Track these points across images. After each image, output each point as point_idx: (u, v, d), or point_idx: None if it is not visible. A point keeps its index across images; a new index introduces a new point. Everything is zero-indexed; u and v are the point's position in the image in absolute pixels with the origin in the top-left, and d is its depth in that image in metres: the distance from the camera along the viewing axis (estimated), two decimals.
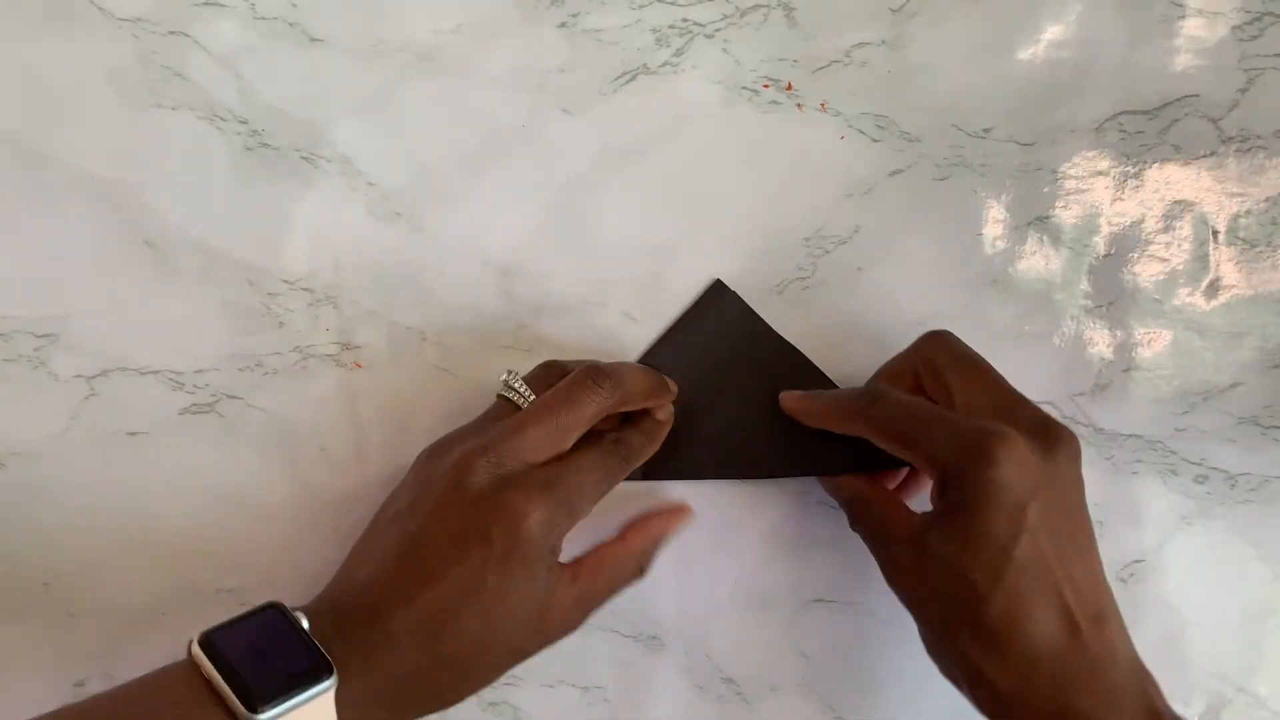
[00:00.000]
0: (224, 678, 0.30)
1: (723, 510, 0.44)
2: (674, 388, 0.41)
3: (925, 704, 0.45)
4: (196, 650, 0.30)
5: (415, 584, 0.33)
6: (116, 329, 0.40)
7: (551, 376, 0.38)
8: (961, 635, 0.34)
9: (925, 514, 0.36)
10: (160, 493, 0.41)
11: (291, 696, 0.30)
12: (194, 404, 0.41)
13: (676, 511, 0.41)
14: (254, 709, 0.29)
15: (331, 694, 0.31)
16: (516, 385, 0.38)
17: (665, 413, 0.41)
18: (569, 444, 0.36)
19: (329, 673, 0.31)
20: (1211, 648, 0.46)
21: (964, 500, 0.34)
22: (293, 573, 0.41)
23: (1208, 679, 0.46)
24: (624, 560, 0.38)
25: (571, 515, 0.35)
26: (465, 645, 0.33)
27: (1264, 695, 0.46)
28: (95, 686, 0.41)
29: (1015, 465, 0.33)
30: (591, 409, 0.36)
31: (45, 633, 0.41)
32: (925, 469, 0.36)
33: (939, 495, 0.36)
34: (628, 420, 0.40)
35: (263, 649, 0.31)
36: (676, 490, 0.44)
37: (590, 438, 0.37)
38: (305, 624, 0.32)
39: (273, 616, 0.32)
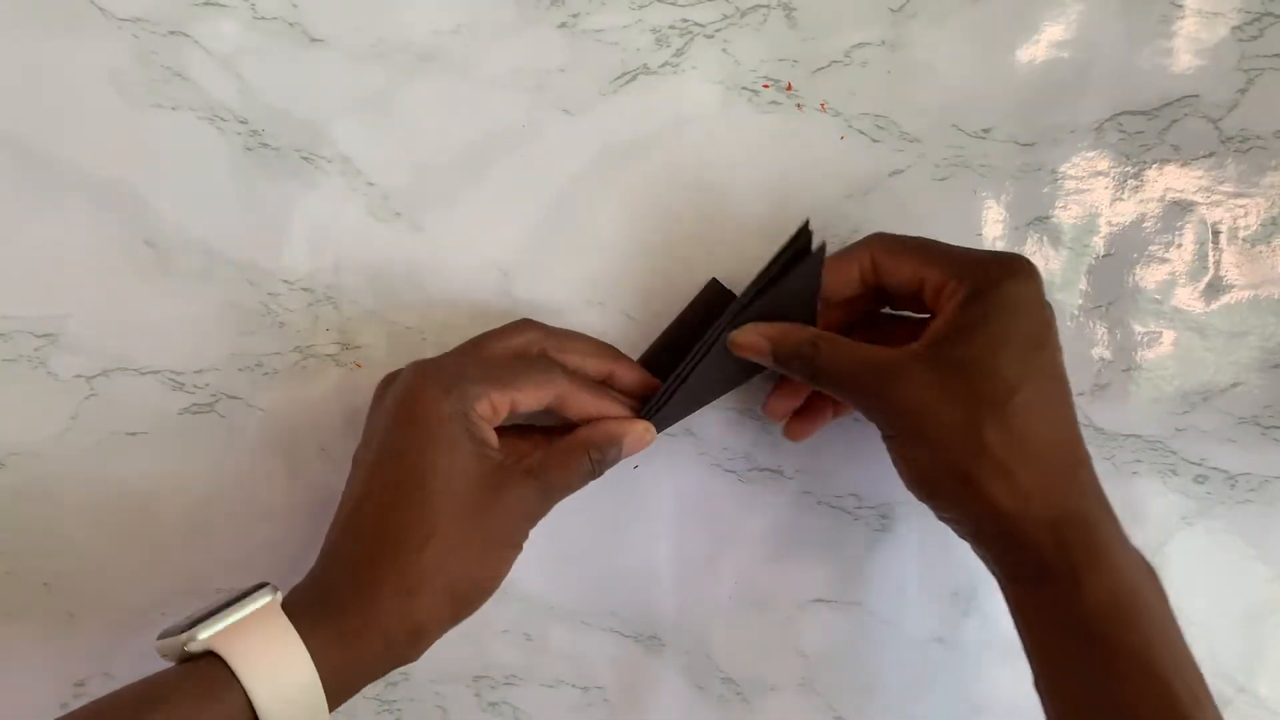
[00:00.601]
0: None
1: (723, 510, 0.44)
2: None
3: (924, 704, 0.45)
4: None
5: (349, 502, 0.35)
6: (116, 329, 0.40)
7: None
8: (987, 427, 0.34)
9: (929, 334, 0.36)
10: (160, 493, 0.41)
11: (227, 613, 0.31)
12: (194, 404, 0.41)
13: (634, 422, 0.39)
14: (193, 632, 0.31)
15: (276, 606, 0.32)
16: None
17: (644, 439, 0.39)
18: (511, 406, 0.36)
19: (265, 588, 0.32)
20: (1212, 647, 0.46)
21: (994, 307, 0.35)
22: (293, 573, 0.41)
23: (1208, 679, 0.46)
24: (575, 451, 0.37)
25: (488, 382, 0.35)
26: (416, 536, 0.33)
27: (1264, 695, 0.46)
28: (95, 686, 0.41)
29: (1039, 283, 0.36)
30: (513, 333, 0.38)
31: (45, 633, 0.41)
32: (938, 288, 0.37)
33: (958, 309, 0.36)
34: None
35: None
36: (680, 489, 0.44)
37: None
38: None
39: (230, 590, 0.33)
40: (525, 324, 0.39)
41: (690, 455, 0.44)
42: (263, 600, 0.32)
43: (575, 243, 0.43)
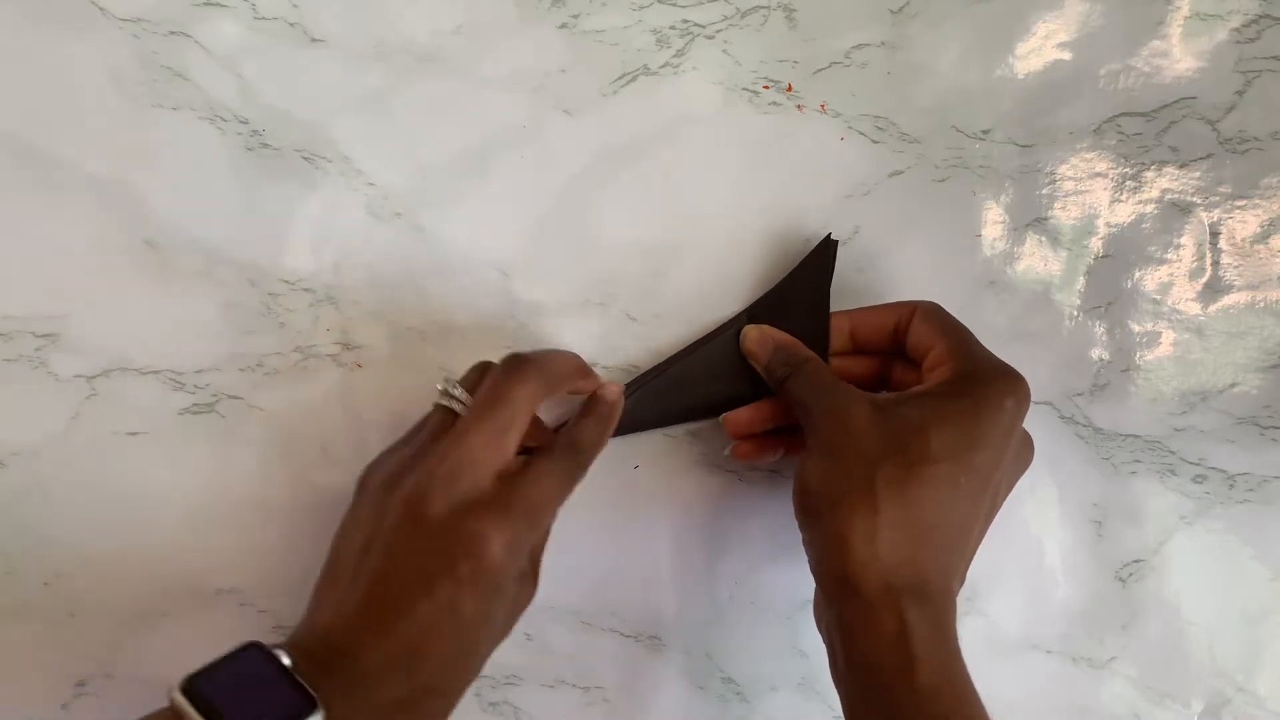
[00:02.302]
0: None
1: (723, 510, 0.44)
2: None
3: None
4: (178, 696, 0.29)
5: (389, 618, 0.32)
6: (116, 329, 0.40)
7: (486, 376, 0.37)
8: (886, 470, 0.35)
9: (897, 389, 0.38)
10: (160, 492, 0.41)
11: None
12: (194, 404, 0.41)
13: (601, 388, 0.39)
14: None
15: None
16: (454, 392, 0.36)
17: (610, 391, 0.39)
18: (513, 444, 0.35)
19: (313, 710, 0.30)
20: (1210, 647, 0.46)
21: (968, 395, 0.36)
22: (293, 573, 0.41)
23: (1207, 678, 0.46)
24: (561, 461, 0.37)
25: (534, 528, 0.35)
26: (446, 670, 0.33)
27: (1263, 694, 0.47)
28: (95, 686, 0.41)
29: (1022, 408, 0.36)
30: (523, 397, 0.35)
31: (45, 633, 0.41)
32: (937, 361, 0.38)
33: (937, 381, 0.37)
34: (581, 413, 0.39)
35: (246, 690, 0.30)
36: (675, 488, 0.44)
37: (543, 446, 0.37)
38: (287, 662, 0.31)
39: (255, 655, 0.31)
40: (511, 375, 0.36)
41: (690, 455, 0.44)
42: None
43: (575, 243, 0.43)
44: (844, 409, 0.36)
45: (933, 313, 0.39)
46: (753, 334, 0.41)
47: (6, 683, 0.40)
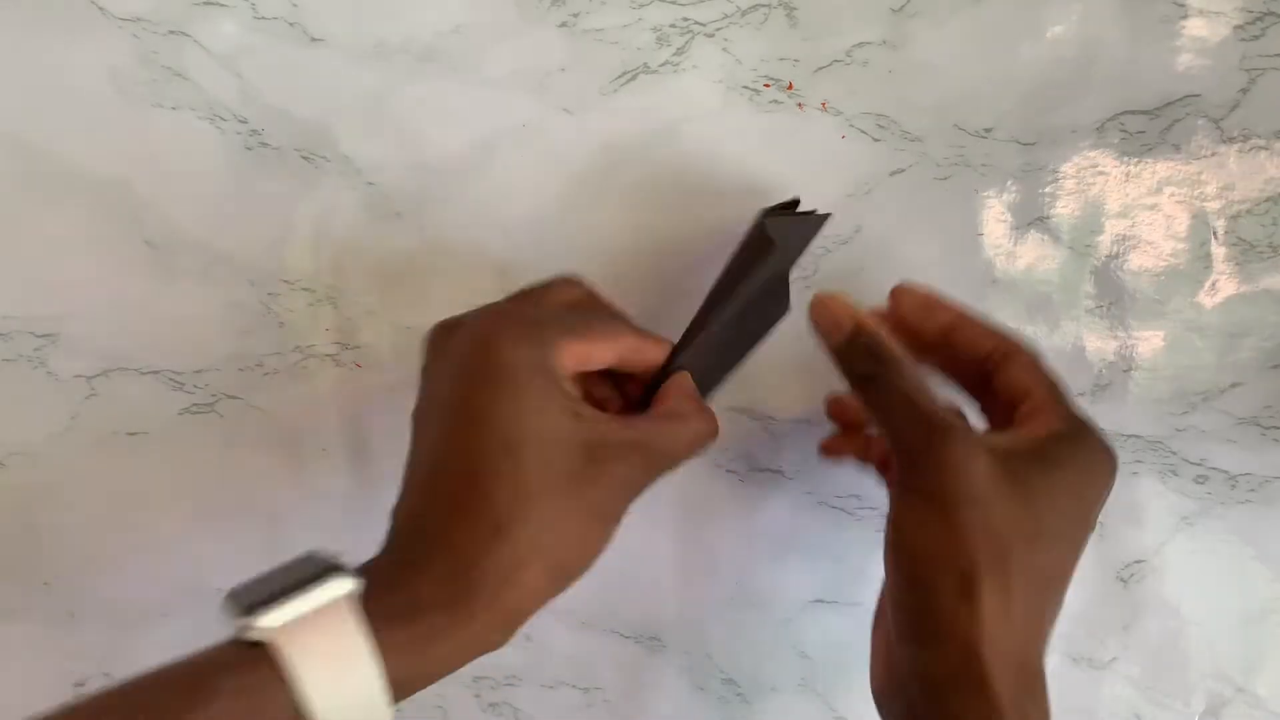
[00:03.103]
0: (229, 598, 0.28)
1: (723, 510, 0.44)
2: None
3: None
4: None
5: (422, 468, 0.31)
6: (116, 329, 0.40)
7: None
8: (1019, 548, 0.31)
9: (1007, 435, 0.33)
10: (160, 492, 0.41)
11: (296, 598, 0.27)
12: (194, 404, 0.41)
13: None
14: (248, 612, 0.27)
15: (354, 601, 0.27)
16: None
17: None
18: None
19: (340, 572, 0.27)
20: (1211, 648, 0.46)
21: (1081, 459, 0.33)
22: None
23: (1207, 679, 0.46)
24: (683, 415, 0.33)
25: (566, 330, 0.32)
26: (514, 514, 0.29)
27: (1264, 695, 0.47)
28: (95, 686, 0.41)
29: (1116, 466, 0.34)
30: (562, 287, 0.35)
31: (45, 633, 0.41)
32: (1034, 403, 0.35)
33: (1048, 438, 0.33)
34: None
35: (277, 574, 0.28)
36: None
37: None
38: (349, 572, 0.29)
39: (306, 555, 0.29)
40: (569, 280, 0.36)
41: None
42: (338, 591, 0.27)
43: (575, 243, 0.43)
44: (960, 458, 0.31)
45: (1039, 357, 0.36)
46: (821, 304, 0.35)
47: (6, 683, 0.41)
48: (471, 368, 0.31)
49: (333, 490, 0.42)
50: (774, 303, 0.39)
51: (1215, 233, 0.45)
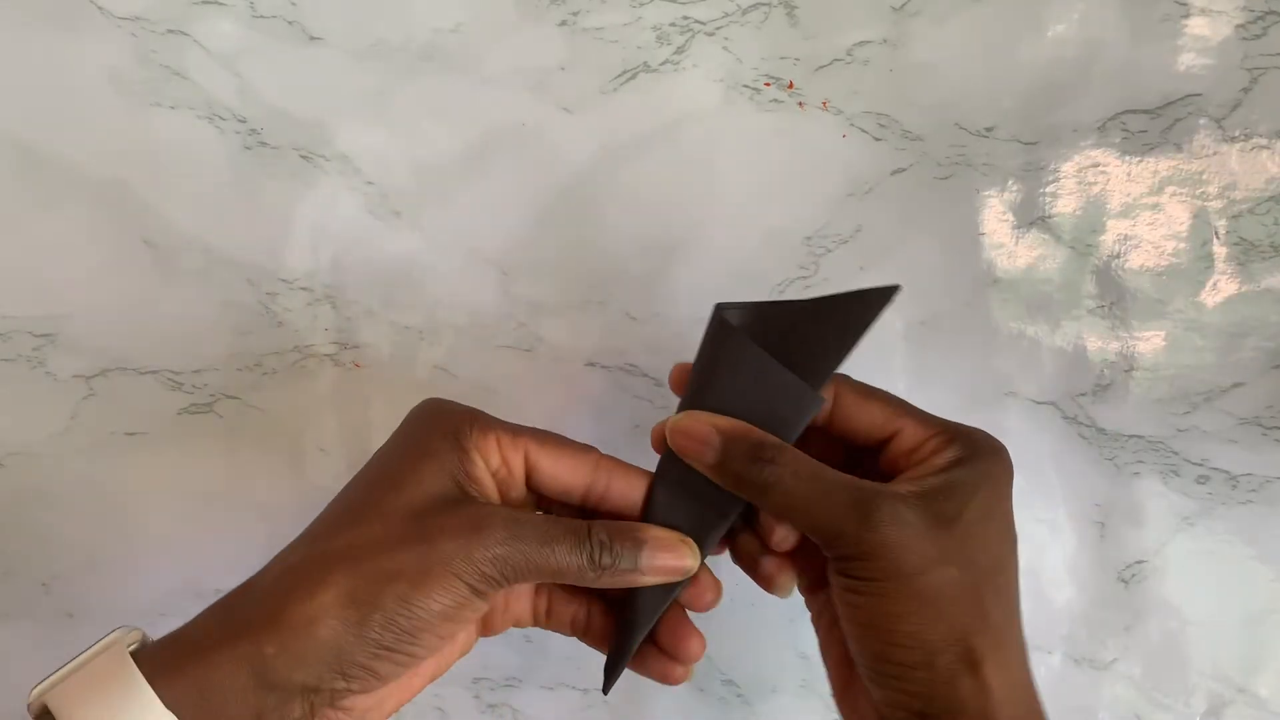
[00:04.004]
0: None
1: None
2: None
3: None
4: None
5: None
6: (115, 329, 0.40)
7: None
8: (988, 596, 0.30)
9: (911, 481, 0.31)
10: (160, 492, 0.41)
11: (71, 663, 0.27)
12: (192, 404, 0.41)
13: (668, 532, 0.32)
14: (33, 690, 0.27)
15: (121, 651, 0.27)
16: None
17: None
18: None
19: (118, 630, 0.28)
20: (1212, 648, 0.46)
21: (984, 477, 0.31)
22: None
23: (1208, 680, 0.46)
24: (572, 530, 0.30)
25: (508, 427, 0.31)
26: (332, 525, 0.29)
27: (1265, 696, 0.46)
28: None
29: (1012, 465, 0.33)
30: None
31: (45, 633, 0.41)
32: (918, 442, 0.33)
33: (948, 466, 0.31)
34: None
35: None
36: None
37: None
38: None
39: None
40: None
41: None
42: (106, 642, 0.28)
43: (575, 242, 0.43)
44: (878, 514, 0.29)
45: (859, 387, 0.34)
46: (678, 430, 0.32)
47: (6, 683, 0.40)
48: (402, 425, 0.31)
49: (332, 490, 0.42)
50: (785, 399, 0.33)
51: (1217, 232, 0.45)
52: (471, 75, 0.41)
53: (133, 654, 0.27)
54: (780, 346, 0.32)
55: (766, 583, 0.34)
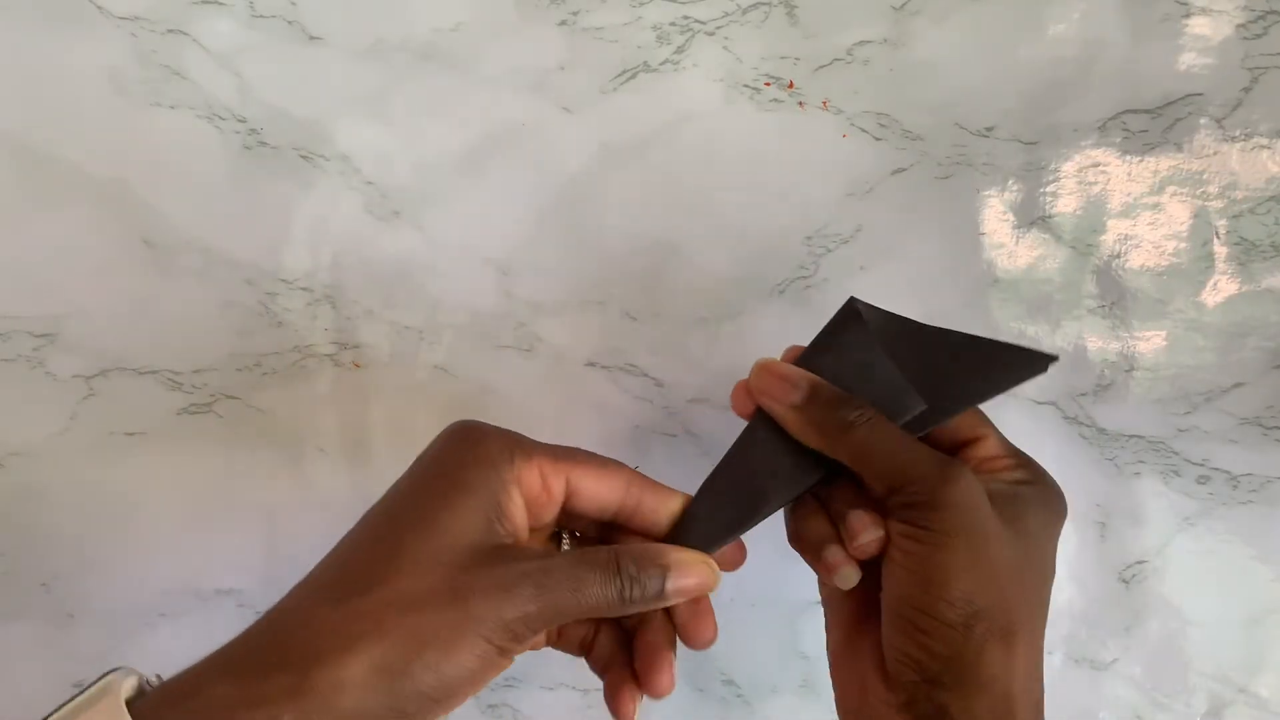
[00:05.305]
0: None
1: None
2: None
3: None
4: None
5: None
6: (115, 329, 0.40)
7: None
8: (1040, 602, 0.32)
9: (982, 466, 0.34)
10: (160, 493, 0.41)
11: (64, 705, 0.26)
12: (192, 404, 0.41)
13: (690, 552, 0.31)
14: None
15: (117, 701, 0.26)
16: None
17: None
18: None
19: (116, 672, 0.27)
20: (1213, 649, 0.46)
21: (1055, 514, 0.34)
22: (292, 573, 0.41)
23: (1209, 680, 0.46)
24: (600, 563, 0.29)
25: (548, 450, 0.30)
26: (362, 583, 0.28)
27: (1265, 697, 0.46)
28: None
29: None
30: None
31: (45, 633, 0.41)
32: (992, 447, 0.34)
33: (1027, 480, 0.33)
34: None
35: None
36: None
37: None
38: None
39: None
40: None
41: (691, 455, 0.44)
42: (100, 687, 0.26)
43: (575, 242, 0.42)
44: (977, 494, 0.30)
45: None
46: (764, 369, 0.32)
47: (6, 683, 0.40)
48: (433, 450, 0.30)
49: (332, 490, 0.42)
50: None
51: (1217, 232, 0.45)
52: (471, 75, 0.41)
53: (130, 704, 0.26)
54: (905, 361, 0.33)
55: (828, 571, 0.33)
